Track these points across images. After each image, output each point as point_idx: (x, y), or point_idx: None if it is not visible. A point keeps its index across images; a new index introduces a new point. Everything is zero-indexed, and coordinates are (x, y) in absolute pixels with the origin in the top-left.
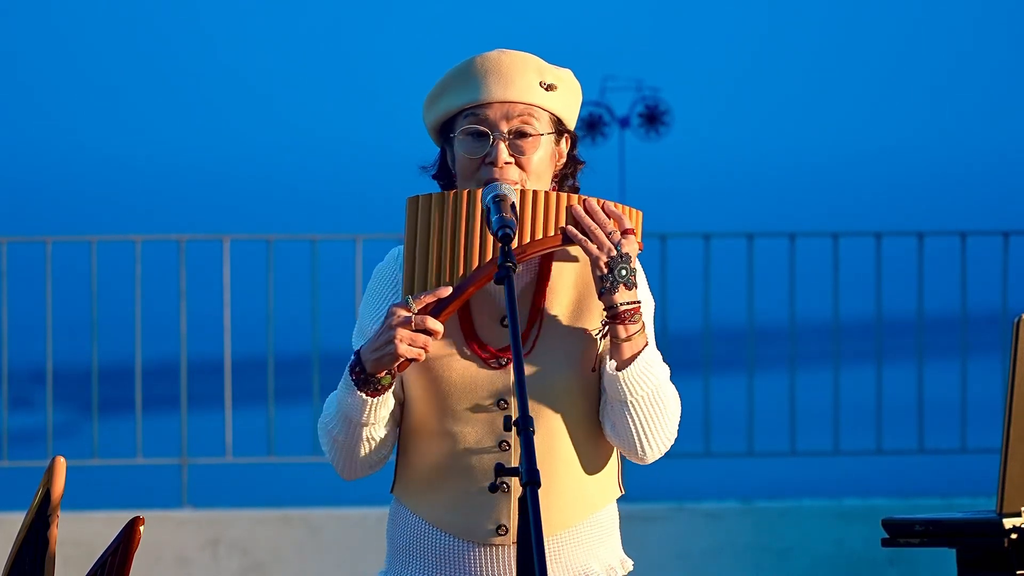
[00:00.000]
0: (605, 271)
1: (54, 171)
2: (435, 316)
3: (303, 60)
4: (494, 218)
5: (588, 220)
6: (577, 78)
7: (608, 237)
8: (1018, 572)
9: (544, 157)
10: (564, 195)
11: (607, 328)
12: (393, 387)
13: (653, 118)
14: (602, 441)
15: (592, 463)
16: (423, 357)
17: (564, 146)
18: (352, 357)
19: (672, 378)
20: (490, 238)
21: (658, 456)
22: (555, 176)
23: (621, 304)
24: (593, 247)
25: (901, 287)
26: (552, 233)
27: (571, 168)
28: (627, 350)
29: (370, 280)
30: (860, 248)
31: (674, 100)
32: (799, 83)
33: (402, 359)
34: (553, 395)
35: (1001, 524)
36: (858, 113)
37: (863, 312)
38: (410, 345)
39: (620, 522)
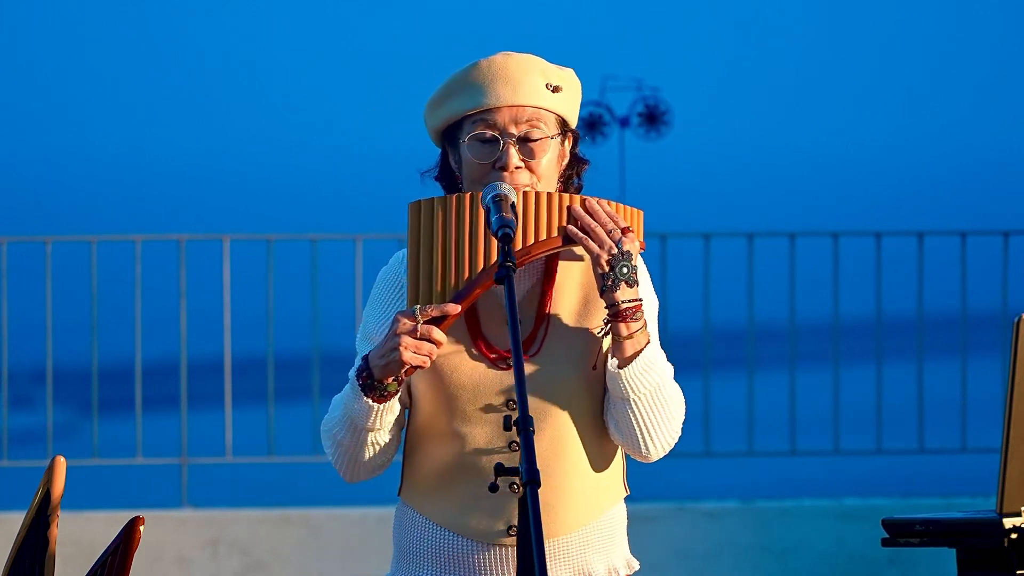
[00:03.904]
0: (606, 268)
1: (54, 171)
2: (438, 325)
3: (304, 60)
4: (494, 218)
5: (588, 219)
6: (577, 78)
7: (608, 235)
8: (1018, 572)
9: (552, 159)
10: (565, 196)
11: (609, 326)
12: (400, 393)
13: (653, 118)
14: (608, 440)
15: (600, 463)
16: (428, 364)
17: (567, 145)
18: (359, 362)
19: (672, 378)
20: (493, 240)
21: (662, 454)
22: (561, 177)
23: (622, 302)
24: (594, 245)
25: (901, 287)
26: (555, 234)
27: (576, 168)
28: (628, 348)
29: (375, 284)
30: (860, 248)
31: (674, 100)
32: (799, 83)
33: (407, 366)
34: (561, 395)
35: (1001, 524)
36: (858, 113)
37: (863, 312)
38: (415, 353)
39: None
